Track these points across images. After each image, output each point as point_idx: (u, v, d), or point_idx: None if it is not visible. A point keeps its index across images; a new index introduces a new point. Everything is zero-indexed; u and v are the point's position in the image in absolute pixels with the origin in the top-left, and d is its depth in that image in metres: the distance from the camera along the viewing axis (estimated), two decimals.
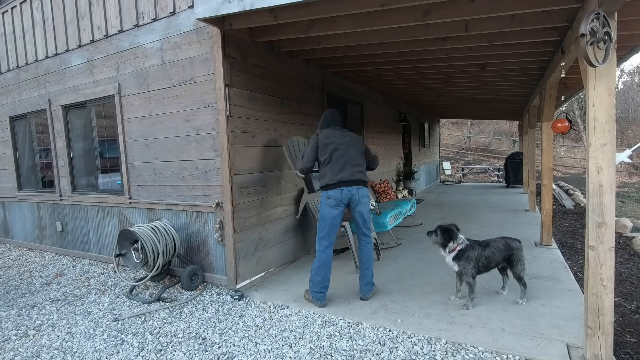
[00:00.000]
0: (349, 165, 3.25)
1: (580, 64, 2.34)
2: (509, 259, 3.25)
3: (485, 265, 3.19)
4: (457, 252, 3.16)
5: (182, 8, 3.85)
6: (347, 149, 3.29)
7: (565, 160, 20.91)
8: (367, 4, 2.89)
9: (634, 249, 5.33)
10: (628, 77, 25.51)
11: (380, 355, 2.59)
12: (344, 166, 3.24)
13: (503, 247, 3.22)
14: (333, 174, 3.23)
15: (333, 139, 3.32)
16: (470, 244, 3.21)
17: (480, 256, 3.16)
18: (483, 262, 3.17)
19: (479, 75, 5.73)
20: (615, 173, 2.33)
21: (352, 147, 3.33)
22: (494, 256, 3.19)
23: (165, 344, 2.87)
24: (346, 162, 3.25)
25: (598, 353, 2.33)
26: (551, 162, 5.13)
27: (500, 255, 3.21)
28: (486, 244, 3.23)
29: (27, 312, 3.62)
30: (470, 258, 3.14)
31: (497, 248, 3.21)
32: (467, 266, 3.14)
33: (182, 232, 4.16)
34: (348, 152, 3.28)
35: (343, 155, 3.26)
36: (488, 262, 3.19)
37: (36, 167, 5.98)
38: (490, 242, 3.25)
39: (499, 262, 3.26)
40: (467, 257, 3.14)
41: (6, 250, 6.24)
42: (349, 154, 3.28)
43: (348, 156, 3.27)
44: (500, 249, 3.21)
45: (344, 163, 3.25)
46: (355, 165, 3.27)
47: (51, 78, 5.31)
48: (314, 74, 5.24)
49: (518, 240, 3.31)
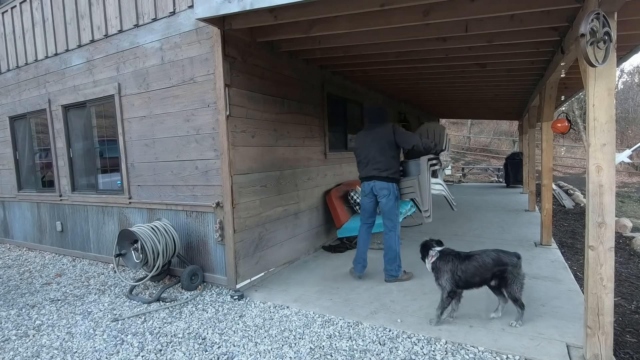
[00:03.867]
0: (369, 164, 3.79)
1: (580, 64, 2.34)
2: (500, 277, 2.77)
3: (465, 280, 2.80)
4: (431, 264, 2.96)
5: (182, 8, 3.85)
6: (368, 150, 3.81)
7: (565, 160, 20.91)
8: (367, 4, 2.89)
9: (634, 249, 5.32)
10: (628, 77, 25.52)
11: (380, 355, 2.59)
12: (365, 166, 3.83)
13: (492, 261, 2.76)
14: (359, 172, 3.94)
15: (358, 142, 3.95)
16: (442, 255, 2.91)
17: (457, 269, 2.80)
18: (460, 275, 2.79)
19: (479, 75, 5.73)
20: (615, 173, 2.33)
21: (372, 146, 3.78)
22: (477, 271, 2.77)
23: (165, 344, 2.87)
24: (367, 161, 3.80)
25: (598, 353, 2.33)
26: (551, 162, 5.13)
27: (488, 271, 2.76)
28: (467, 257, 2.83)
29: (27, 312, 3.62)
30: (441, 270, 2.86)
31: (483, 263, 2.76)
32: (441, 278, 2.87)
33: (182, 232, 4.16)
34: (368, 152, 3.80)
35: (365, 157, 3.84)
36: (468, 277, 2.79)
37: (36, 167, 5.98)
38: (473, 255, 2.83)
39: (487, 279, 2.81)
40: (438, 269, 2.89)
41: (6, 250, 6.24)
42: (368, 154, 3.80)
43: (368, 156, 3.80)
44: (486, 264, 2.76)
45: (366, 163, 3.82)
46: (373, 163, 3.76)
47: (51, 78, 5.31)
48: (314, 74, 5.24)
49: (516, 256, 2.80)
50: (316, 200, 5.26)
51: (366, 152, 3.80)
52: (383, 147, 3.72)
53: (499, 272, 2.77)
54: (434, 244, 3.05)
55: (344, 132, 6.30)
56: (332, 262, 4.67)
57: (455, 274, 2.81)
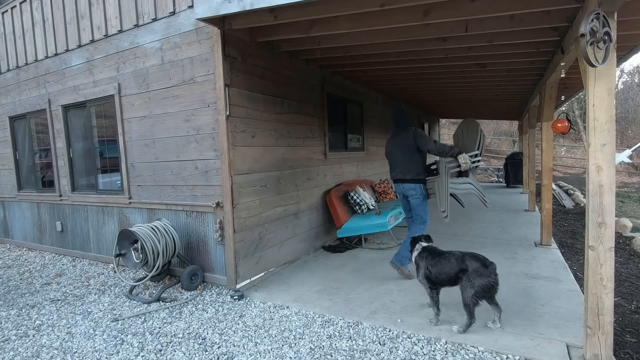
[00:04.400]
0: (396, 168, 4.10)
1: (580, 64, 2.34)
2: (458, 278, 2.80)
3: (435, 276, 2.89)
4: (414, 259, 3.13)
5: (182, 8, 3.85)
6: (394, 154, 4.12)
7: (565, 160, 20.91)
8: (367, 4, 2.89)
9: (634, 249, 5.32)
10: (628, 77, 25.50)
11: (380, 355, 2.59)
12: (393, 169, 4.15)
13: (455, 262, 2.81)
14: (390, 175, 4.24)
15: (388, 147, 4.23)
16: (422, 251, 3.03)
17: (428, 265, 2.92)
18: (430, 271, 2.91)
19: (479, 75, 5.73)
20: (615, 173, 2.33)
21: (397, 150, 4.07)
22: (442, 270, 2.86)
23: (165, 344, 2.87)
24: (395, 166, 4.12)
25: (598, 353, 2.34)
26: (551, 162, 5.13)
27: (452, 271, 2.82)
28: (439, 254, 2.94)
29: (27, 312, 3.62)
30: (419, 265, 3.01)
31: (448, 262, 2.85)
32: (418, 273, 3.03)
33: (182, 232, 4.16)
34: (395, 157, 4.11)
35: (392, 161, 4.17)
36: (437, 274, 2.88)
37: (36, 167, 5.98)
38: (444, 254, 2.93)
39: (452, 279, 2.85)
40: (417, 264, 3.04)
41: (6, 250, 6.24)
42: (395, 159, 4.11)
43: (395, 161, 4.12)
44: (451, 264, 2.83)
45: (394, 167, 4.14)
46: (398, 167, 4.06)
47: (51, 78, 5.31)
48: (314, 74, 5.24)
49: (484, 264, 2.73)
50: (316, 200, 5.26)
51: (393, 156, 4.13)
52: (405, 151, 3.99)
53: (460, 273, 2.78)
54: (422, 240, 3.18)
55: (344, 132, 6.30)
56: (332, 262, 4.68)
57: (427, 269, 2.94)
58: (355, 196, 5.57)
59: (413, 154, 3.94)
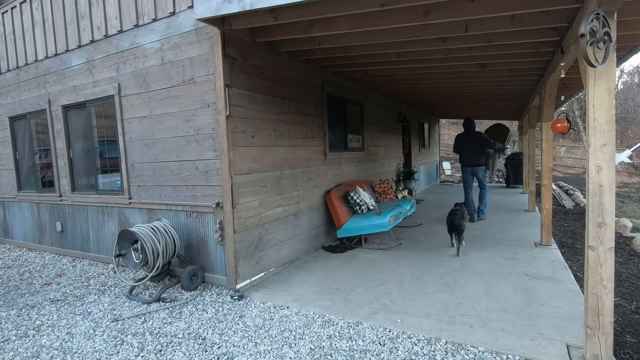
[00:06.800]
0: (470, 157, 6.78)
1: (580, 64, 2.34)
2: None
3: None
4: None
5: (182, 8, 3.85)
6: (469, 148, 6.77)
7: (565, 160, 20.91)
8: (367, 4, 2.89)
9: (634, 249, 5.32)
10: (628, 77, 25.52)
11: (380, 356, 2.59)
12: (467, 157, 6.81)
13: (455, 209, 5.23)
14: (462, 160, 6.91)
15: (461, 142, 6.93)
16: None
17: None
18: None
19: (479, 76, 5.73)
20: (615, 173, 2.33)
21: (471, 145, 6.75)
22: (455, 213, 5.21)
23: (165, 344, 2.87)
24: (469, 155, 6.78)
25: (598, 353, 2.33)
26: (551, 162, 5.13)
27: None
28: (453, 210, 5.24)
29: (27, 313, 3.61)
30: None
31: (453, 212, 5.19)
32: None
33: (182, 232, 4.16)
34: (470, 149, 6.76)
35: (468, 152, 6.80)
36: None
37: (36, 167, 5.98)
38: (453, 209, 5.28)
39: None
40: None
41: (6, 250, 6.24)
42: (470, 150, 6.76)
43: (470, 152, 6.77)
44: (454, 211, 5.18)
45: (467, 156, 6.80)
46: (473, 156, 6.75)
47: (51, 78, 5.31)
48: (313, 74, 5.24)
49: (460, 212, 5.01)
50: (316, 200, 5.26)
51: (468, 149, 6.75)
52: (478, 147, 6.73)
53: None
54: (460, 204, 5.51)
55: (344, 132, 6.29)
56: (332, 263, 4.67)
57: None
58: (355, 196, 5.56)
59: (482, 149, 6.70)
